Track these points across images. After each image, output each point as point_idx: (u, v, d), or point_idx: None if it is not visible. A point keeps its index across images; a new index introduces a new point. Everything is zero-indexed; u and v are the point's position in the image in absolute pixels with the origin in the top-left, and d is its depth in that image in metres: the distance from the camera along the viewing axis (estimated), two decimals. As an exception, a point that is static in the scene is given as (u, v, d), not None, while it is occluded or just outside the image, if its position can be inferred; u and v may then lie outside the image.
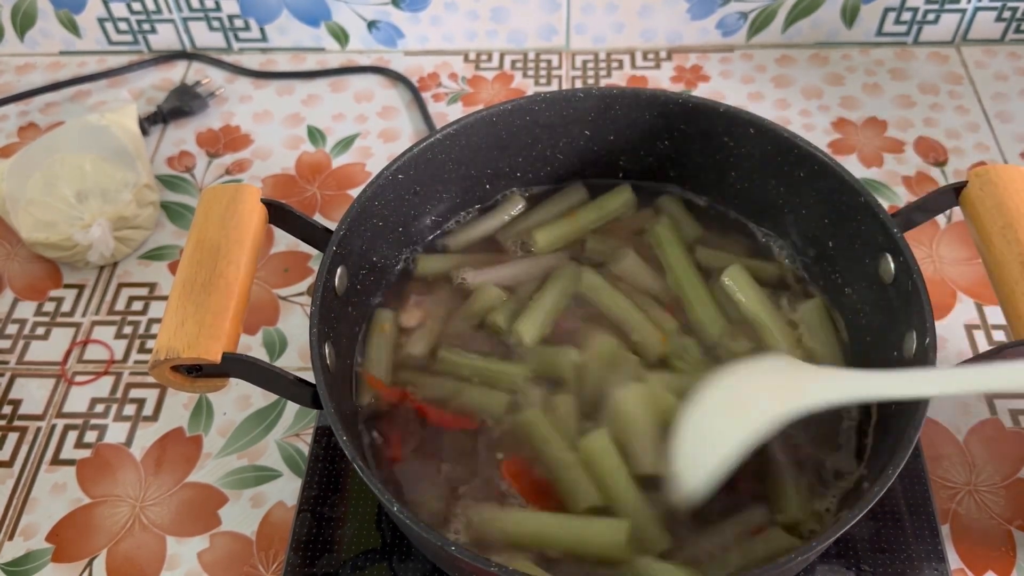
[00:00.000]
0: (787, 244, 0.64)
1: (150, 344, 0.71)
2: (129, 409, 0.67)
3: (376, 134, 0.85)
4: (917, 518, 0.57)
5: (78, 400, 0.68)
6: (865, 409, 0.57)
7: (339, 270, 0.56)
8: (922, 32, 0.90)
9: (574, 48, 0.93)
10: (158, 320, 0.72)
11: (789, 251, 0.64)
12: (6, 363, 0.70)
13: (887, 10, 0.88)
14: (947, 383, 0.47)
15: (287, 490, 0.62)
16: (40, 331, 0.72)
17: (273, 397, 0.66)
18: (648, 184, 0.67)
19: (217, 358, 0.49)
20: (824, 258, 0.62)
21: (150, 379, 0.68)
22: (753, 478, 0.53)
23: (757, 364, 0.52)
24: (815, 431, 0.56)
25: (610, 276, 0.63)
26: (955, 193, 0.56)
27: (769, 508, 0.53)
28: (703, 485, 0.48)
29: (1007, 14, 0.88)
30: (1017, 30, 0.89)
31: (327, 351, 0.53)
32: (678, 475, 0.49)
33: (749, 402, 0.49)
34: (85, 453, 0.65)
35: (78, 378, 0.69)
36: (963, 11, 0.88)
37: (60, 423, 0.67)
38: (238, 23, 0.91)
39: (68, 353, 0.71)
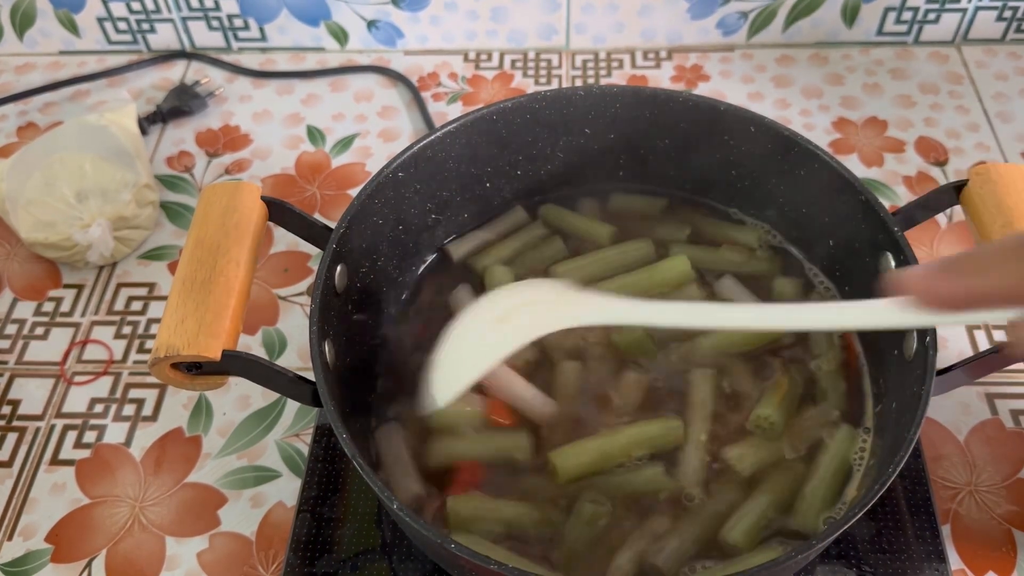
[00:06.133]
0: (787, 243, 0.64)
1: (149, 344, 0.71)
2: (128, 409, 0.67)
3: (376, 134, 0.85)
4: (917, 518, 0.57)
5: (77, 400, 0.68)
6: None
7: (339, 268, 0.56)
8: (922, 32, 0.90)
9: (574, 48, 0.93)
10: (157, 320, 0.72)
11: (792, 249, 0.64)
12: (5, 363, 0.70)
13: (887, 10, 0.88)
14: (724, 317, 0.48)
15: (287, 490, 0.62)
16: (39, 331, 0.72)
17: (273, 397, 0.66)
18: (648, 185, 0.67)
19: (217, 355, 0.49)
20: (825, 257, 0.62)
21: (150, 379, 0.68)
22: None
23: (528, 285, 0.52)
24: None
25: None
26: (956, 191, 0.56)
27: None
28: (451, 396, 0.48)
29: (1007, 14, 0.88)
30: (1017, 30, 0.89)
31: (327, 349, 0.53)
32: (433, 384, 0.48)
33: (511, 318, 0.49)
34: (84, 453, 0.65)
35: (77, 378, 0.69)
36: (963, 11, 0.88)
37: (59, 423, 0.66)
38: (237, 23, 0.91)
39: (67, 353, 0.71)
